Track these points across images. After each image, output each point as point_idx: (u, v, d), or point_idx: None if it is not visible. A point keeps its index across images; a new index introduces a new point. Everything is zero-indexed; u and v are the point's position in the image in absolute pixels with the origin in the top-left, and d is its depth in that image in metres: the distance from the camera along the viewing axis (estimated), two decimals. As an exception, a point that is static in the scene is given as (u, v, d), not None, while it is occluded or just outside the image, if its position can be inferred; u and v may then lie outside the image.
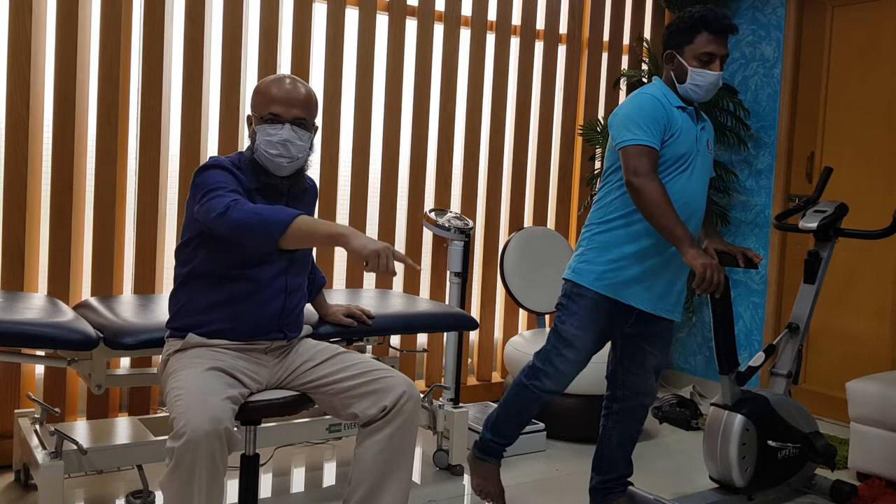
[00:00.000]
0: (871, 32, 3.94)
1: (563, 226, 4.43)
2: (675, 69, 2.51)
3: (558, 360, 2.57)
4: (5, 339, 2.17)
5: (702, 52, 2.44)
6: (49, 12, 3.06)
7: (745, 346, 4.40)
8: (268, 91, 2.16)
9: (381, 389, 2.11)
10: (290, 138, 2.13)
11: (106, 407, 3.20)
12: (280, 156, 2.14)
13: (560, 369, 2.57)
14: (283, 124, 2.13)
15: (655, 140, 2.40)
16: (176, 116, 3.35)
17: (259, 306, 2.16)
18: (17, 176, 2.98)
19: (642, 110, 2.42)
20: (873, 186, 3.91)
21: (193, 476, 1.80)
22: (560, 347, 2.57)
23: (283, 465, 3.16)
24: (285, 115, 2.14)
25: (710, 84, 2.47)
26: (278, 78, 2.19)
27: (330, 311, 2.65)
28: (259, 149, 2.15)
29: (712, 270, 2.28)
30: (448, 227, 3.59)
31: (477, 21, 4.04)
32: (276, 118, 2.14)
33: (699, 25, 2.44)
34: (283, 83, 2.17)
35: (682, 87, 2.50)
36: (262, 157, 2.16)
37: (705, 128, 2.59)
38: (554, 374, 2.57)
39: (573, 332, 2.54)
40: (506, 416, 2.68)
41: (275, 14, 3.47)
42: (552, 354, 2.58)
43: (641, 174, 2.34)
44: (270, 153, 2.14)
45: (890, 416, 3.02)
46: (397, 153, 3.84)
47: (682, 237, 2.30)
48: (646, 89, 2.52)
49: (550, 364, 2.58)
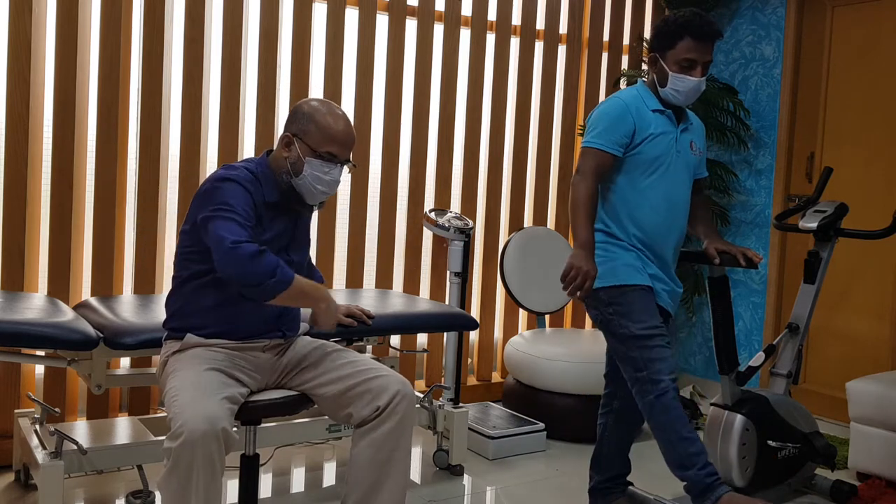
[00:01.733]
0: (871, 32, 3.94)
1: (563, 226, 4.43)
2: (658, 73, 2.51)
3: (652, 354, 2.41)
4: (5, 339, 2.17)
5: (683, 58, 2.44)
6: (49, 12, 3.06)
7: (745, 346, 4.40)
8: (328, 127, 2.16)
9: (374, 389, 2.11)
10: (338, 179, 2.19)
11: (106, 407, 3.20)
12: (324, 192, 2.19)
13: (664, 361, 2.42)
14: (337, 165, 2.17)
15: (610, 144, 2.45)
16: (176, 116, 3.35)
17: (258, 306, 2.16)
18: (17, 176, 2.98)
19: (606, 115, 2.48)
20: (873, 186, 3.91)
21: (191, 476, 1.80)
22: (647, 346, 2.42)
23: (283, 465, 3.16)
24: (341, 157, 2.18)
25: (690, 90, 2.46)
26: (336, 115, 2.18)
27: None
28: (306, 180, 2.16)
29: (577, 272, 2.32)
30: (448, 227, 3.59)
31: (477, 21, 4.04)
32: (334, 158, 2.16)
33: (682, 31, 2.43)
34: (342, 122, 2.18)
35: (663, 91, 2.50)
36: (305, 188, 2.17)
37: (689, 129, 2.59)
38: (661, 364, 2.41)
39: (643, 326, 2.43)
40: (668, 438, 2.43)
41: (275, 14, 3.47)
42: (647, 361, 2.42)
43: (580, 172, 2.44)
44: (318, 188, 2.17)
45: (890, 416, 3.02)
46: (397, 153, 3.84)
47: (578, 237, 2.37)
48: (620, 93, 2.54)
49: (650, 363, 2.42)
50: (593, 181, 2.43)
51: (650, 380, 2.41)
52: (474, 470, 3.20)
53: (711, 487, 2.40)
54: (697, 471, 2.40)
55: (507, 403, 3.83)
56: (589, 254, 2.36)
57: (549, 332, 4.03)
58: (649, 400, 2.42)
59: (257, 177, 2.17)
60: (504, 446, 3.36)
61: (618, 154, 2.46)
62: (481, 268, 4.18)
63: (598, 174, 2.44)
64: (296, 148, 2.16)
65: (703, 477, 2.41)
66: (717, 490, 2.40)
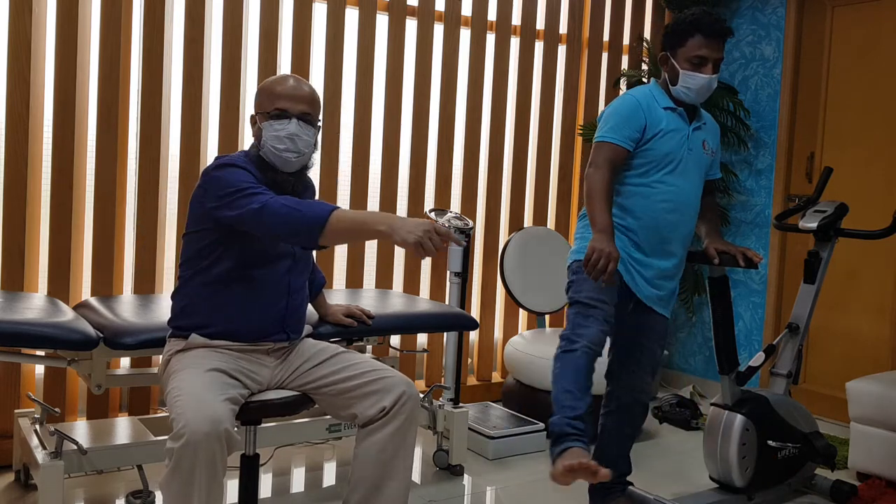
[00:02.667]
0: (871, 32, 3.94)
1: (563, 226, 4.43)
2: (669, 71, 2.54)
3: (585, 322, 2.44)
4: (5, 339, 2.16)
5: (694, 56, 2.46)
6: (49, 12, 3.06)
7: (745, 346, 4.40)
8: (273, 89, 2.18)
9: (380, 390, 2.12)
10: (297, 132, 2.15)
11: (106, 407, 3.20)
12: (288, 150, 2.15)
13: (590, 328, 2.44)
14: (290, 119, 2.15)
15: (622, 138, 2.47)
16: (176, 116, 3.35)
17: (264, 307, 2.17)
18: (17, 176, 2.98)
19: (618, 111, 2.51)
20: (873, 186, 3.91)
21: (193, 477, 1.80)
22: (583, 313, 2.45)
23: (283, 465, 3.16)
24: (292, 110, 2.16)
25: (702, 87, 2.49)
26: (282, 77, 2.22)
27: (330, 311, 2.65)
28: (266, 145, 2.16)
29: (599, 254, 2.33)
30: (448, 227, 3.59)
31: (477, 21, 4.04)
32: (282, 113, 2.15)
33: (692, 29, 2.46)
34: (288, 81, 2.20)
35: (675, 90, 2.52)
36: (270, 153, 2.17)
37: (702, 128, 2.60)
38: (586, 331, 2.43)
39: (591, 295, 2.46)
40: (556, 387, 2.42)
41: (275, 14, 3.47)
42: (576, 324, 2.45)
43: (593, 164, 2.48)
44: (278, 148, 2.15)
45: (890, 416, 3.02)
46: (397, 153, 3.84)
47: (598, 222, 2.40)
48: (633, 91, 2.57)
49: (577, 327, 2.44)
50: (608, 170, 2.45)
51: (569, 338, 2.44)
52: (474, 470, 3.21)
53: (567, 437, 2.32)
54: (563, 417, 2.35)
55: (507, 403, 3.83)
56: (609, 237, 2.37)
57: (549, 332, 4.03)
58: (558, 353, 2.45)
59: (251, 160, 2.19)
60: (504, 446, 3.36)
61: (629, 148, 2.48)
62: (481, 268, 4.18)
63: (611, 165, 2.47)
64: (257, 123, 2.20)
65: (565, 424, 2.33)
66: (570, 442, 2.31)
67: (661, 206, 2.51)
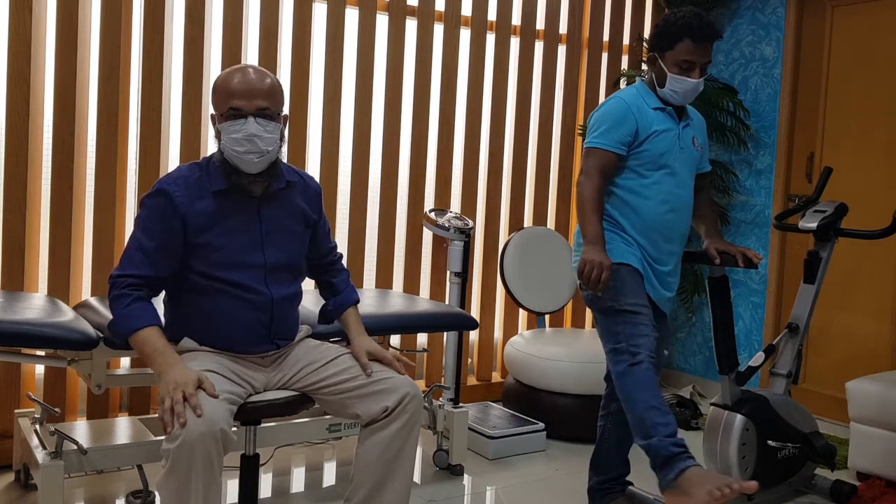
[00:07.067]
0: (871, 32, 3.94)
1: (563, 226, 4.43)
2: (656, 72, 2.53)
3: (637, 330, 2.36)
4: (5, 339, 2.16)
5: (682, 60, 2.45)
6: (49, 12, 3.06)
7: (745, 346, 4.40)
8: (226, 85, 2.02)
9: (384, 390, 2.12)
10: (255, 132, 2.00)
11: (106, 407, 3.20)
12: (248, 152, 2.01)
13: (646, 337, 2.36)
14: (246, 118, 2.00)
15: (613, 143, 2.46)
16: (176, 116, 3.35)
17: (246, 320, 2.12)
18: (17, 176, 2.98)
19: (609, 115, 2.49)
20: (873, 186, 3.91)
21: (190, 477, 1.79)
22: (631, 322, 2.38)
23: (283, 465, 3.16)
24: (247, 108, 2.00)
25: (689, 90, 2.48)
26: (236, 69, 2.05)
27: (355, 343, 2.30)
28: (227, 148, 2.03)
29: (591, 265, 2.33)
30: (448, 227, 3.59)
31: (477, 21, 4.04)
32: (237, 113, 2.01)
33: (682, 33, 2.44)
34: (241, 74, 2.03)
35: (662, 91, 2.52)
36: (231, 157, 2.03)
37: (690, 125, 2.60)
38: (641, 339, 2.35)
39: (633, 301, 2.40)
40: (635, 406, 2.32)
41: (275, 14, 3.47)
42: (629, 334, 2.36)
43: (584, 172, 2.47)
44: (237, 151, 2.01)
45: (890, 416, 3.02)
46: (397, 153, 3.84)
47: (587, 233, 2.40)
48: (621, 93, 2.56)
49: (631, 337, 2.36)
50: (599, 179, 2.45)
51: (628, 351, 2.35)
52: (474, 470, 3.21)
53: (676, 458, 2.21)
54: (662, 438, 2.24)
55: (507, 403, 3.83)
56: (600, 247, 2.37)
57: (549, 332, 4.03)
58: (622, 368, 2.35)
59: (205, 171, 2.10)
60: (504, 446, 3.36)
61: (621, 153, 2.47)
62: (481, 268, 4.18)
63: (602, 173, 2.46)
64: (216, 124, 2.09)
65: (669, 445, 2.23)
66: (682, 462, 2.20)
67: (661, 206, 2.50)
